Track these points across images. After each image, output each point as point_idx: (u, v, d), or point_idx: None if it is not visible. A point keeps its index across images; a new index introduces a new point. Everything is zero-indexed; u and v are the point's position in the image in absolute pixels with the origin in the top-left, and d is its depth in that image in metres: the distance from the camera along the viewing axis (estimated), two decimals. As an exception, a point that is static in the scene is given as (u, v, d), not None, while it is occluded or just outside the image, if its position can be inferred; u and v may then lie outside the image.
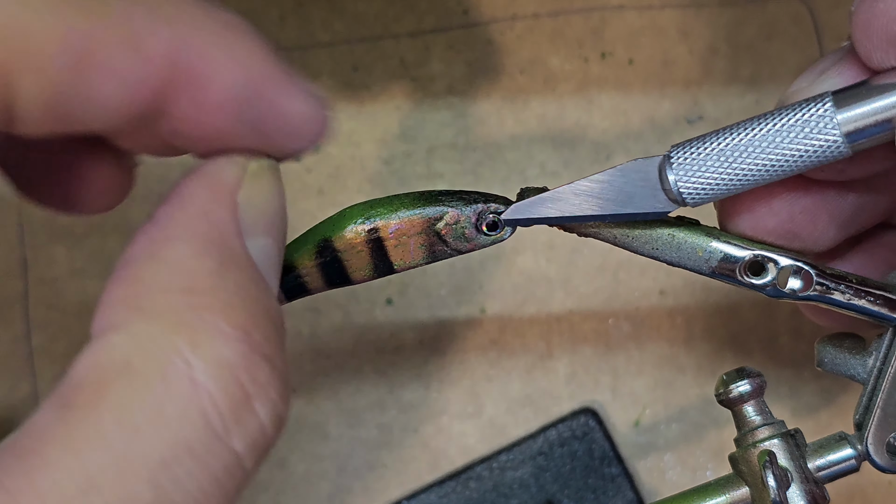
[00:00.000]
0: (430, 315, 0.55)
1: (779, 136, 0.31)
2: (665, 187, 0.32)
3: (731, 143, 0.32)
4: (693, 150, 0.32)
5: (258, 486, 0.54)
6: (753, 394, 0.36)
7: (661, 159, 0.32)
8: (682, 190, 0.32)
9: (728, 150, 0.32)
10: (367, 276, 0.34)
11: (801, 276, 0.34)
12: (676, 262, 0.35)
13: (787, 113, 0.31)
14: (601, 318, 0.55)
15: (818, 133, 0.31)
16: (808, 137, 0.31)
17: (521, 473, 0.53)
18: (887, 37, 0.30)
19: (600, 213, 0.32)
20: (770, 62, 0.57)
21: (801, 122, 0.31)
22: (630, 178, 0.32)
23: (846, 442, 0.35)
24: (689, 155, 0.32)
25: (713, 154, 0.32)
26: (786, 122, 0.31)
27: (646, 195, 0.32)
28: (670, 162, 0.32)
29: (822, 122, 0.31)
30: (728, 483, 0.36)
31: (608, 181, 0.32)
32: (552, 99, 0.56)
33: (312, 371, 0.54)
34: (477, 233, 0.34)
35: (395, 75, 0.56)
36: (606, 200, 0.32)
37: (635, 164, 0.32)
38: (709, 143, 0.32)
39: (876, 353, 0.35)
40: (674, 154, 0.32)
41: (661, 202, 0.32)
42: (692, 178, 0.32)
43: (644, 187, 0.32)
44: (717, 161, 0.32)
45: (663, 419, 0.55)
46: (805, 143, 0.31)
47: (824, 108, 0.31)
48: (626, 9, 0.57)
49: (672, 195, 0.32)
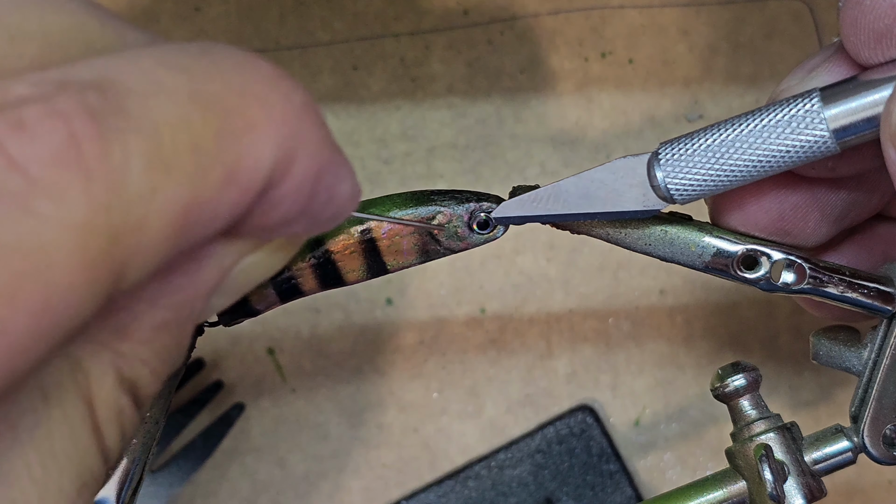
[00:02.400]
0: (430, 315, 0.55)
1: (767, 132, 0.31)
2: (654, 184, 0.32)
3: (720, 139, 0.31)
4: (681, 146, 0.32)
5: (258, 486, 0.54)
6: (749, 388, 0.36)
7: (650, 156, 0.32)
8: (670, 187, 0.32)
9: (716, 146, 0.31)
10: (361, 276, 0.34)
11: (795, 270, 0.34)
12: (670, 257, 0.35)
13: (776, 109, 0.31)
14: (601, 317, 0.55)
15: (806, 129, 0.31)
16: (796, 133, 0.31)
17: (519, 472, 0.53)
18: (875, 33, 0.30)
19: (589, 211, 0.32)
20: (770, 61, 0.57)
21: (788, 118, 0.31)
22: (619, 175, 0.32)
23: (842, 434, 0.35)
24: (677, 152, 0.32)
25: (701, 151, 0.32)
26: (774, 118, 0.31)
27: (635, 193, 0.32)
28: (658, 159, 0.32)
29: (810, 118, 0.31)
30: (725, 477, 0.36)
31: (597, 179, 0.32)
32: (552, 98, 0.56)
33: (312, 371, 0.54)
34: (469, 232, 0.34)
35: (395, 74, 0.56)
36: (595, 199, 0.32)
37: (624, 161, 0.32)
38: (697, 140, 0.32)
39: (870, 345, 0.35)
40: (662, 151, 0.32)
41: (651, 200, 0.32)
42: (681, 175, 0.32)
43: (633, 185, 0.32)
44: (706, 158, 0.32)
45: (663, 418, 0.55)
46: (793, 140, 0.31)
47: (812, 104, 0.31)
48: (626, 8, 0.57)
49: (661, 192, 0.32)
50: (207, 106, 0.22)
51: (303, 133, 0.24)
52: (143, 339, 0.25)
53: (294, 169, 0.24)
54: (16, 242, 0.20)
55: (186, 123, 0.22)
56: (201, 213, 0.22)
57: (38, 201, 0.20)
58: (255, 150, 0.23)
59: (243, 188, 0.23)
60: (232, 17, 0.56)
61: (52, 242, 0.20)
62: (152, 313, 0.25)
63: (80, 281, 0.21)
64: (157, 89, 0.22)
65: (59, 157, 0.20)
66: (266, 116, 0.23)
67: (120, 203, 0.21)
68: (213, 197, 0.22)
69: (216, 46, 0.24)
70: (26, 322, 0.20)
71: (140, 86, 0.22)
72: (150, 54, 0.23)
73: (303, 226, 0.26)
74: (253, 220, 0.24)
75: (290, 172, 0.24)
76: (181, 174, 0.22)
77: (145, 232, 0.21)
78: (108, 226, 0.21)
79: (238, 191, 0.23)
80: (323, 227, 0.26)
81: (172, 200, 0.22)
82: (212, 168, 0.22)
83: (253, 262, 0.27)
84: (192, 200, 0.22)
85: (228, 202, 0.23)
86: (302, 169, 0.24)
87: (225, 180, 0.23)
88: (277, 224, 0.25)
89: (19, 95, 0.21)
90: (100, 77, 0.22)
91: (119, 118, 0.21)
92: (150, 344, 0.26)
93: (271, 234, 0.26)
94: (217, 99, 0.23)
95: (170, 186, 0.22)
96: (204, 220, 0.23)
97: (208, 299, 0.26)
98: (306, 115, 0.24)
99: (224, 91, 0.23)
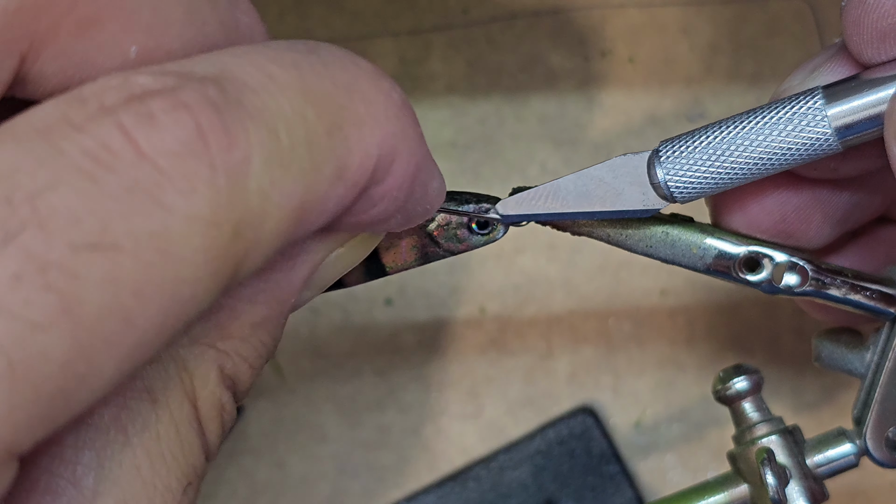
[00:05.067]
0: (429, 315, 0.55)
1: (769, 130, 0.31)
2: (654, 183, 0.32)
3: (721, 137, 0.31)
4: (682, 145, 0.32)
5: (257, 488, 0.53)
6: (751, 390, 0.36)
7: (650, 154, 0.32)
8: (671, 185, 0.31)
9: (717, 144, 0.31)
10: (359, 279, 0.34)
11: (797, 272, 0.34)
12: (671, 259, 0.34)
13: (778, 107, 0.31)
14: (602, 317, 0.55)
15: (808, 127, 0.30)
16: (798, 131, 0.31)
17: (519, 473, 0.53)
18: (878, 32, 0.30)
19: (588, 210, 0.32)
20: (772, 60, 0.56)
21: (790, 116, 0.31)
22: (618, 173, 0.32)
23: (845, 437, 0.35)
24: (678, 149, 0.32)
25: (702, 149, 0.31)
26: (776, 116, 0.31)
27: (635, 192, 0.32)
28: (659, 157, 0.32)
29: (812, 116, 0.30)
30: (727, 481, 0.36)
31: (596, 177, 0.32)
32: (553, 97, 0.56)
33: (311, 372, 0.54)
34: (469, 233, 0.33)
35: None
36: (594, 197, 0.32)
37: (623, 159, 0.32)
38: (698, 138, 0.31)
39: (873, 347, 0.35)
40: (662, 149, 0.32)
41: (651, 199, 0.32)
42: (681, 173, 0.31)
43: (633, 183, 0.32)
44: (707, 156, 0.31)
45: (664, 419, 0.54)
46: (795, 139, 0.31)
47: (815, 102, 0.30)
48: (627, 6, 0.56)
49: (661, 191, 0.32)
50: (319, 102, 0.23)
51: (403, 131, 0.24)
52: (244, 337, 0.26)
53: (395, 166, 0.24)
54: (147, 235, 0.20)
55: (301, 119, 0.22)
56: (314, 207, 0.23)
57: (168, 194, 0.20)
58: (362, 146, 0.23)
59: (351, 184, 0.23)
60: (230, 15, 0.56)
61: (180, 235, 0.20)
62: (252, 310, 0.26)
63: (204, 274, 0.21)
64: (271, 85, 0.22)
65: (188, 150, 0.20)
66: (371, 114, 0.23)
67: (242, 197, 0.21)
68: (326, 192, 0.23)
69: (322, 45, 0.24)
70: (154, 314, 0.20)
71: (255, 81, 0.22)
72: (261, 50, 0.23)
73: (398, 221, 0.26)
74: (353, 216, 0.24)
75: (392, 169, 0.24)
76: (298, 169, 0.22)
77: (264, 226, 0.22)
78: (231, 220, 0.21)
79: (346, 186, 0.23)
80: (414, 222, 0.27)
81: (290, 195, 0.22)
82: (325, 163, 0.22)
83: (339, 256, 0.27)
84: (307, 195, 0.22)
85: (337, 197, 0.23)
86: (403, 166, 0.24)
87: (336, 175, 0.23)
88: (376, 220, 0.25)
89: (145, 88, 0.21)
90: (217, 71, 0.22)
91: (239, 112, 0.21)
92: (249, 340, 0.26)
93: (367, 230, 0.26)
94: (327, 96, 0.23)
95: (287, 180, 0.22)
96: (315, 215, 0.23)
97: (300, 293, 0.27)
98: (405, 114, 0.24)
99: (333, 88, 0.23)
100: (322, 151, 0.22)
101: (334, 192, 0.23)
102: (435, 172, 0.26)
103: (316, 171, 0.22)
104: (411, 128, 0.25)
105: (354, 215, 0.24)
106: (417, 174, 0.25)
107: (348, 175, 0.23)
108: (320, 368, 0.54)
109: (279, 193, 0.22)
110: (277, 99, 0.22)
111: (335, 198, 0.23)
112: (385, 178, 0.24)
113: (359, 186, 0.23)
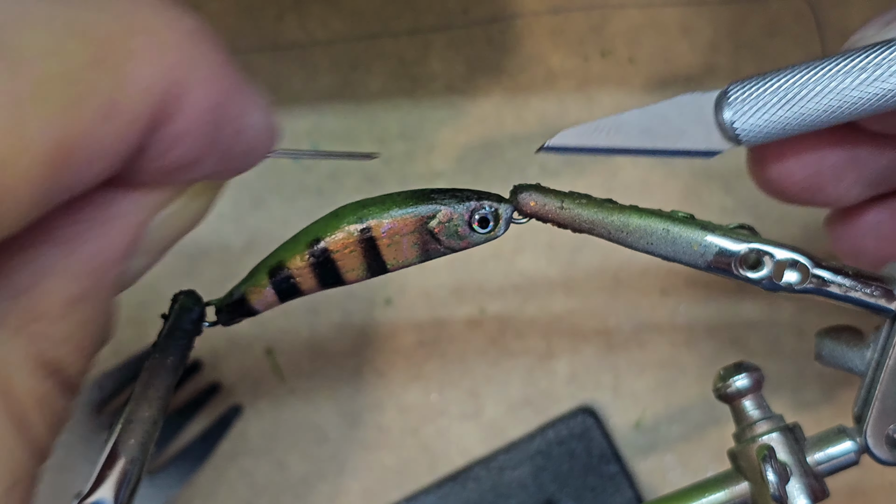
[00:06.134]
0: (429, 315, 0.55)
1: (842, 78, 0.30)
2: (720, 123, 0.31)
3: (793, 82, 0.30)
4: (752, 87, 0.31)
5: (256, 488, 0.53)
6: (752, 388, 0.36)
7: (718, 95, 0.31)
8: (737, 127, 0.31)
9: (788, 88, 0.30)
10: (361, 276, 0.34)
11: (797, 269, 0.34)
12: (672, 256, 0.34)
13: (857, 55, 0.30)
14: (602, 317, 0.55)
15: (884, 77, 0.30)
16: (872, 80, 0.30)
17: (519, 473, 0.53)
18: None
19: (651, 146, 0.31)
20: (772, 60, 0.56)
21: (865, 65, 0.30)
22: (684, 111, 0.31)
23: (845, 435, 0.35)
24: (747, 92, 0.31)
25: (773, 92, 0.31)
26: (850, 65, 0.30)
27: (698, 131, 0.31)
28: (727, 98, 0.31)
29: (888, 67, 0.29)
30: (728, 478, 0.36)
31: (660, 114, 0.31)
32: (552, 97, 0.56)
33: (311, 371, 0.54)
34: (470, 230, 0.33)
35: (394, 74, 0.56)
36: (657, 134, 0.31)
37: (691, 97, 0.31)
38: (769, 81, 0.31)
39: (874, 345, 0.35)
40: (732, 90, 0.31)
41: (714, 140, 0.31)
42: (749, 116, 0.31)
43: (697, 123, 0.31)
44: (777, 100, 0.30)
45: (664, 419, 0.54)
46: (868, 88, 0.30)
47: (891, 53, 0.29)
48: (627, 6, 0.56)
49: (727, 132, 0.31)
50: (82, 34, 0.21)
51: (194, 60, 0.22)
52: (58, 315, 0.23)
53: (188, 99, 0.22)
54: None
55: (58, 52, 0.20)
56: (79, 148, 0.21)
57: None
58: (136, 79, 0.21)
59: (127, 121, 0.21)
60: (230, 14, 0.56)
61: None
62: (61, 285, 0.23)
63: None
64: (29, 20, 0.20)
65: None
66: (148, 43, 0.21)
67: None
68: (91, 130, 0.21)
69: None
70: None
71: (9, 17, 0.20)
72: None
73: (213, 165, 0.24)
74: (151, 162, 0.22)
75: (185, 104, 0.22)
76: (52, 105, 0.20)
77: (12, 168, 0.19)
78: None
79: (121, 124, 0.21)
80: (238, 166, 0.25)
81: (43, 133, 0.20)
82: (87, 98, 0.21)
83: (171, 215, 0.25)
84: (65, 133, 0.20)
85: (110, 137, 0.21)
86: (198, 99, 0.22)
87: (103, 112, 0.21)
88: (182, 165, 0.23)
89: None
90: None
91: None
92: (67, 319, 0.24)
93: (179, 178, 0.24)
94: (95, 27, 0.21)
95: (38, 118, 0.20)
96: (84, 158, 0.21)
97: (125, 262, 0.24)
98: (198, 42, 0.23)
99: (102, 19, 0.21)
100: (83, 85, 0.20)
101: (103, 131, 0.21)
102: (252, 107, 0.24)
103: (76, 107, 0.20)
104: (207, 57, 0.22)
105: (153, 160, 0.22)
106: (221, 108, 0.23)
107: (121, 111, 0.21)
108: (320, 369, 0.54)
109: (31, 131, 0.20)
110: (33, 33, 0.20)
111: (108, 137, 0.21)
112: (176, 115, 0.22)
113: (140, 124, 0.21)
